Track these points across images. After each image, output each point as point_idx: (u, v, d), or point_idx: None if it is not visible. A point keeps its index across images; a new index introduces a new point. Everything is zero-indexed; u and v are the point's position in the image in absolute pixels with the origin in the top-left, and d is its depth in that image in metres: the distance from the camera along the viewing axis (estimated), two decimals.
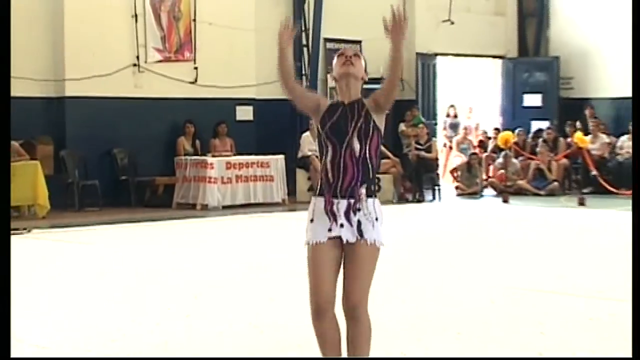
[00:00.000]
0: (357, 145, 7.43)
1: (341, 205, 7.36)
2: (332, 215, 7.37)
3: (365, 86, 25.60)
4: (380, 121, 7.67)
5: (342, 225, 7.33)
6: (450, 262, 15.31)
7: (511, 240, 17.97)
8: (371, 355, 7.28)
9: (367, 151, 7.51)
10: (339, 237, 7.37)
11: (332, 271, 7.42)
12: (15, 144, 21.55)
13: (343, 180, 7.38)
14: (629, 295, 11.95)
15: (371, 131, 7.53)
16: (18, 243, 17.65)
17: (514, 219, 21.91)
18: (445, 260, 15.55)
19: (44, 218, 20.76)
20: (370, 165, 7.55)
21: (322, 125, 7.61)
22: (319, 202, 7.48)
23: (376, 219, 7.54)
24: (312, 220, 7.50)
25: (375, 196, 7.67)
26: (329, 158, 7.46)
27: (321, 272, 7.41)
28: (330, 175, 7.42)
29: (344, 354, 7.54)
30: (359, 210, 7.40)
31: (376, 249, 7.55)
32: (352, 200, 7.38)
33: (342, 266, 7.48)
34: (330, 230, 7.35)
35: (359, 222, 7.37)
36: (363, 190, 7.47)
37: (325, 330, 7.49)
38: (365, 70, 8.25)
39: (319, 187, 7.60)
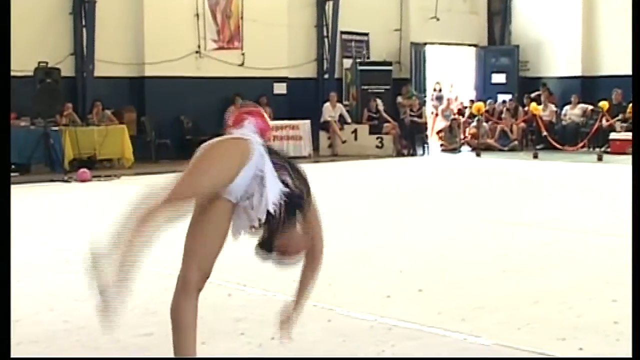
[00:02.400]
0: None
1: None
2: None
3: (364, 68, 25.10)
4: None
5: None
6: (435, 200, 15.34)
7: (482, 185, 17.99)
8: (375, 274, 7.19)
9: None
10: None
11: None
12: (108, 112, 21.67)
13: None
14: (571, 224, 12.07)
15: None
16: (110, 186, 17.83)
17: (484, 169, 21.93)
18: (431, 199, 15.59)
19: (129, 168, 20.90)
20: None
21: None
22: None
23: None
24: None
25: None
26: None
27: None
28: None
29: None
30: None
31: None
32: None
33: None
34: None
35: None
36: None
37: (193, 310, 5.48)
38: None
39: None
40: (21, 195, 16.68)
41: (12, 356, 5.20)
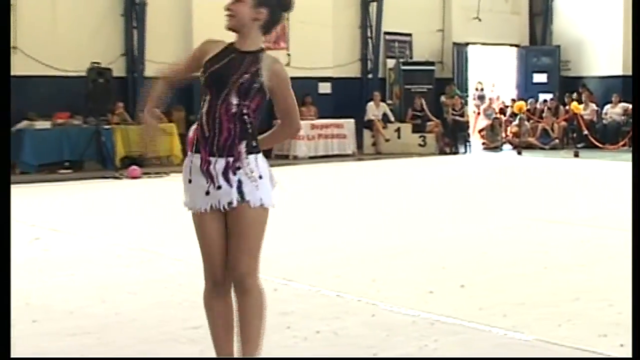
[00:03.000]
0: (234, 101, 5.25)
1: (219, 164, 5.16)
2: (208, 175, 5.17)
3: (407, 68, 24.95)
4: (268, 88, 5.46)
5: (219, 187, 5.15)
6: (476, 198, 15.32)
7: (523, 182, 17.92)
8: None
9: (245, 109, 5.30)
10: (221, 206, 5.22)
11: (222, 243, 5.31)
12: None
13: (219, 136, 5.18)
14: (612, 222, 11.99)
15: (253, 91, 5.34)
16: (160, 183, 17.94)
17: (525, 167, 21.81)
18: (473, 196, 15.56)
19: (178, 165, 20.97)
20: (248, 123, 5.31)
21: (204, 70, 5.54)
22: (195, 159, 5.26)
23: (260, 176, 5.26)
24: (190, 181, 5.28)
25: (258, 152, 5.34)
26: (204, 109, 5.34)
27: (210, 244, 5.33)
28: (205, 129, 5.25)
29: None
30: (238, 169, 5.17)
31: (263, 210, 5.31)
32: (230, 159, 5.17)
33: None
34: (207, 193, 5.17)
35: (239, 182, 5.17)
36: (242, 147, 5.21)
37: (221, 309, 5.46)
38: (261, 6, 5.44)
39: (195, 143, 5.35)
40: (74, 191, 16.86)
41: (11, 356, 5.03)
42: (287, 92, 5.63)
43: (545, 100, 28.38)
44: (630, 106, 26.19)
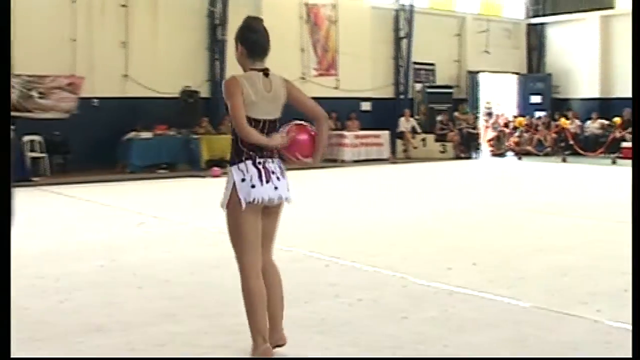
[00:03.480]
0: None
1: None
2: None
3: (431, 90, 24.98)
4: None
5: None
6: (485, 193, 15.24)
7: (522, 182, 17.79)
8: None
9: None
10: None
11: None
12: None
13: None
14: (593, 213, 11.87)
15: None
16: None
17: (524, 170, 21.64)
18: (483, 192, 15.48)
19: None
20: (234, 138, 4.94)
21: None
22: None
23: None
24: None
25: (234, 163, 4.88)
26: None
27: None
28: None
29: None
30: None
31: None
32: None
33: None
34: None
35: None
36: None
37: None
38: (237, 44, 5.30)
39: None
40: (169, 186, 17.00)
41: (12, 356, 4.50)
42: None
43: (539, 117, 28.14)
44: (606, 122, 26.08)
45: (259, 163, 4.87)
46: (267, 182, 4.85)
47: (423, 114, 26.71)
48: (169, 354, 5.21)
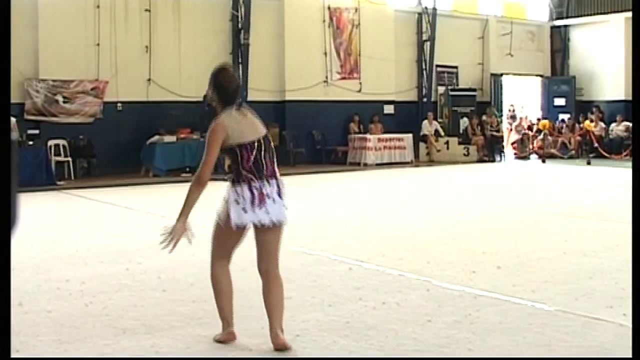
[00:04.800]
0: None
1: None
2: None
3: (454, 93, 25.02)
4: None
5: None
6: (510, 196, 15.18)
7: (547, 185, 17.69)
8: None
9: None
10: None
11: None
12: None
13: None
14: (620, 216, 11.78)
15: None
16: None
17: (548, 173, 21.53)
18: (507, 195, 15.43)
19: None
20: (234, 161, 5.65)
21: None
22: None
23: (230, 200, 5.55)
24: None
25: (234, 184, 5.56)
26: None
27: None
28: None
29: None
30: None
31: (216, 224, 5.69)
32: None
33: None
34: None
35: None
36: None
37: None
38: (210, 87, 5.78)
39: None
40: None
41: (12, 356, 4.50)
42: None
43: (563, 120, 28.03)
44: (631, 124, 25.91)
45: (255, 188, 5.40)
46: (260, 206, 5.35)
47: (446, 117, 26.67)
48: (194, 356, 5.23)
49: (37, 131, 18.24)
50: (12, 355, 4.62)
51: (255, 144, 5.51)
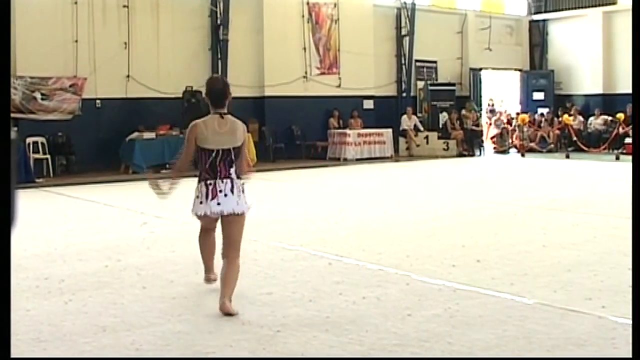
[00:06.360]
0: None
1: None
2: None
3: (433, 88, 25.06)
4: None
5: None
6: (489, 190, 15.23)
7: (526, 179, 17.76)
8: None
9: None
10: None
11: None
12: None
13: None
14: (597, 209, 11.86)
15: None
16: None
17: (527, 166, 21.61)
18: (487, 189, 15.47)
19: (254, 166, 20.96)
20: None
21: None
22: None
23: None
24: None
25: (198, 182, 6.54)
26: None
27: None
28: None
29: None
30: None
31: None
32: None
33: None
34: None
35: None
36: None
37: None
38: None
39: None
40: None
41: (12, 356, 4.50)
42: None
43: (542, 114, 28.14)
44: (609, 118, 26.11)
45: (210, 184, 6.33)
46: (213, 199, 6.30)
47: (425, 112, 26.72)
48: (175, 353, 5.22)
49: (15, 128, 18.08)
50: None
51: (214, 153, 6.30)
